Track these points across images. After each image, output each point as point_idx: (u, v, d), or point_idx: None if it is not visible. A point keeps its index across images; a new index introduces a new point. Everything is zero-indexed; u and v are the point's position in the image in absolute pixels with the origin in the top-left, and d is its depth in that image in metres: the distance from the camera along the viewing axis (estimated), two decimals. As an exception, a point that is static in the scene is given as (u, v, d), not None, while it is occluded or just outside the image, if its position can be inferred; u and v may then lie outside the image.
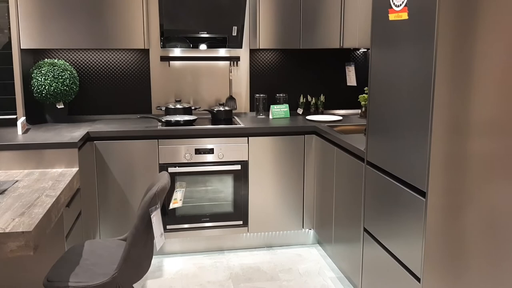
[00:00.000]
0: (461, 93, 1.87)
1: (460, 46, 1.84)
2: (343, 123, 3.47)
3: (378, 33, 2.33)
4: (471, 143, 1.91)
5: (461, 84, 1.86)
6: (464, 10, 1.82)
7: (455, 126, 1.89)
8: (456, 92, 1.87)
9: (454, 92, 1.87)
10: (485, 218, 1.97)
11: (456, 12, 1.82)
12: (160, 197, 2.04)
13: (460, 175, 1.93)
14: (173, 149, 3.23)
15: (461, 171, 1.93)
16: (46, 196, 2.19)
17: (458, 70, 1.85)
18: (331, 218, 3.09)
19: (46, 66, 3.28)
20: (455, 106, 1.88)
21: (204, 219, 3.35)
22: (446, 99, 1.87)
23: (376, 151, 2.38)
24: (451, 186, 1.94)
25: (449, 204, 1.95)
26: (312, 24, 3.52)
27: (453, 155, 1.91)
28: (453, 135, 1.90)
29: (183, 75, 3.76)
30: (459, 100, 1.87)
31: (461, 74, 1.85)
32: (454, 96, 1.87)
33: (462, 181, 1.93)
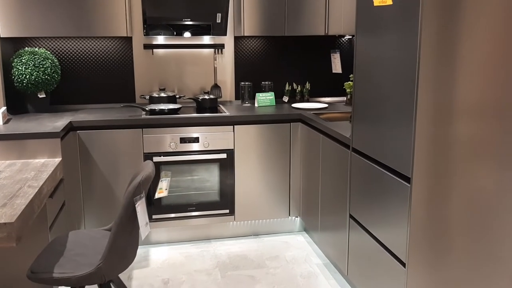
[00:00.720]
0: (445, 78, 1.87)
1: (445, 31, 1.83)
2: (328, 110, 3.47)
3: (363, 19, 2.32)
4: (455, 127, 1.92)
5: (445, 69, 1.86)
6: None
7: (440, 111, 1.90)
8: (440, 77, 1.87)
9: (438, 77, 1.87)
10: (468, 201, 1.99)
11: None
12: (144, 186, 2.01)
13: (444, 160, 1.94)
14: (157, 138, 3.20)
15: (445, 155, 1.94)
16: (29, 187, 2.15)
17: (442, 55, 1.85)
18: (317, 205, 3.10)
19: (26, 55, 3.22)
20: (439, 91, 1.88)
21: (190, 208, 3.34)
22: (431, 84, 1.87)
23: (362, 138, 2.38)
24: (435, 171, 1.95)
25: (433, 189, 1.96)
26: (297, 11, 3.50)
27: (437, 140, 1.92)
28: (438, 120, 1.90)
29: (167, 63, 3.71)
30: (443, 85, 1.88)
31: (445, 58, 1.86)
32: (438, 81, 1.87)
33: (446, 165, 1.95)
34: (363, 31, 2.33)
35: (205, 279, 2.92)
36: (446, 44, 1.84)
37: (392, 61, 2.06)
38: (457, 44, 1.85)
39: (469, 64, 1.87)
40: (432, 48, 1.84)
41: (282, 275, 2.96)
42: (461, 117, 1.91)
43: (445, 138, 1.92)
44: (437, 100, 1.89)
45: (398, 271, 2.08)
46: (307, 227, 3.43)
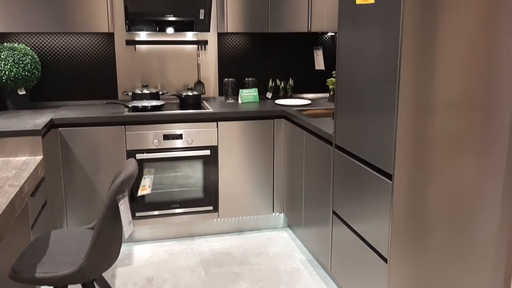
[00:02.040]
0: (425, 73, 1.90)
1: (425, 28, 1.86)
2: (311, 107, 3.49)
3: (345, 16, 2.33)
4: (435, 122, 1.95)
5: (425, 65, 1.89)
6: (429, -5, 1.84)
7: (420, 107, 1.93)
8: (421, 73, 1.90)
9: (418, 73, 1.90)
10: (448, 195, 2.03)
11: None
12: (127, 184, 2.00)
13: (425, 155, 1.97)
14: (140, 135, 3.18)
15: (425, 150, 1.97)
16: (9, 185, 2.12)
17: (422, 51, 1.88)
18: (301, 201, 3.13)
19: (5, 51, 3.16)
20: (420, 87, 1.91)
21: (173, 206, 3.33)
22: (411, 80, 1.90)
23: (344, 134, 2.40)
24: (416, 166, 1.98)
25: (414, 185, 2.00)
26: (280, 8, 3.50)
27: (418, 136, 1.95)
28: (419, 116, 1.93)
29: (150, 59, 3.69)
30: (423, 80, 1.90)
31: (425, 55, 1.88)
32: (419, 77, 1.90)
33: (427, 160, 1.98)
34: (345, 28, 2.34)
35: (189, 276, 2.93)
36: (426, 41, 1.87)
37: (374, 58, 2.08)
38: (436, 40, 1.88)
39: (448, 59, 1.90)
40: (412, 44, 1.87)
41: (266, 271, 2.98)
42: (440, 112, 1.94)
43: (425, 134, 1.95)
44: (417, 96, 1.91)
45: (380, 267, 2.12)
46: (291, 223, 3.46)
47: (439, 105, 1.93)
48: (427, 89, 1.91)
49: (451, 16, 1.87)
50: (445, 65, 1.90)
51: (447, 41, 1.88)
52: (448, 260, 2.09)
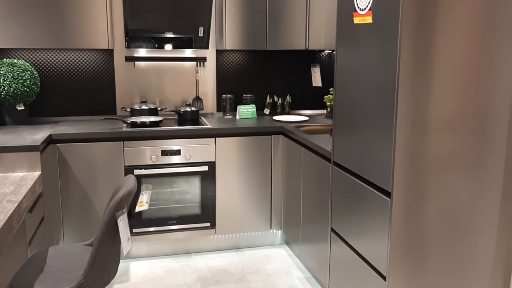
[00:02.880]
0: (422, 93, 1.92)
1: (422, 49, 1.89)
2: (309, 123, 3.51)
3: (343, 35, 2.37)
4: (432, 140, 1.97)
5: (422, 83, 1.92)
6: (426, 15, 1.87)
7: (418, 125, 1.95)
8: (418, 93, 1.92)
9: (416, 92, 1.92)
10: (445, 212, 2.04)
11: (418, 16, 1.87)
12: (126, 201, 2.00)
13: (422, 173, 1.99)
14: (139, 151, 3.19)
15: (423, 168, 1.98)
16: (8, 201, 2.12)
17: (419, 71, 1.91)
18: (299, 218, 3.12)
19: (5, 66, 3.17)
20: (417, 105, 1.93)
21: (171, 222, 3.32)
22: (409, 99, 1.92)
23: (342, 151, 2.42)
24: (414, 185, 1.99)
25: (412, 202, 2.01)
26: (278, 25, 3.54)
27: (415, 154, 1.97)
28: (416, 134, 1.95)
29: (149, 75, 3.71)
30: (421, 100, 1.93)
31: (422, 74, 1.91)
32: (416, 96, 1.92)
33: (424, 179, 1.99)
34: (343, 47, 2.37)
35: (186, 293, 2.91)
36: (422, 59, 1.90)
37: (372, 76, 2.10)
38: (433, 59, 1.91)
39: (444, 78, 1.93)
40: (410, 65, 1.89)
41: (263, 288, 2.97)
42: (437, 131, 1.96)
43: (423, 152, 1.97)
44: (415, 114, 1.93)
45: (379, 284, 2.11)
46: (289, 240, 3.45)
47: (435, 123, 1.96)
48: (424, 108, 1.93)
49: (447, 35, 1.90)
50: (441, 84, 1.93)
51: (443, 60, 1.91)
52: (447, 277, 2.10)
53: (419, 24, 1.87)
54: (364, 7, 2.16)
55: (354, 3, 2.24)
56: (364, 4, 2.15)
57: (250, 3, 3.47)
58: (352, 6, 2.26)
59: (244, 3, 3.46)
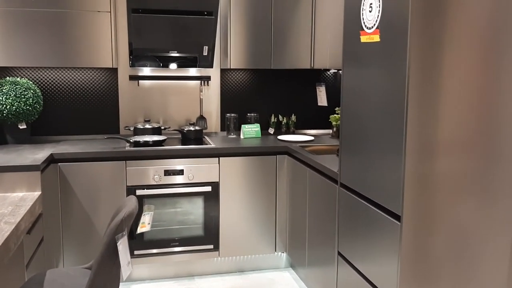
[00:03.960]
0: (432, 114, 1.87)
1: (431, 68, 1.84)
2: (315, 143, 3.46)
3: (350, 54, 2.33)
4: (442, 163, 1.90)
5: (432, 105, 1.86)
6: (435, 33, 1.83)
7: (428, 147, 1.89)
8: (428, 113, 1.87)
9: (425, 113, 1.87)
10: (455, 239, 1.96)
11: (427, 35, 1.82)
12: (127, 223, 1.94)
13: (432, 196, 1.92)
14: (141, 171, 3.13)
15: (433, 192, 1.92)
16: (5, 223, 2.06)
17: (429, 91, 1.85)
18: (305, 241, 3.04)
19: (7, 85, 3.15)
20: (427, 127, 1.87)
21: (173, 244, 3.24)
22: (419, 120, 1.86)
23: (350, 172, 2.35)
24: (424, 208, 1.92)
25: (422, 226, 1.93)
26: (283, 44, 3.52)
27: (425, 176, 1.90)
28: (426, 156, 1.89)
29: (153, 94, 3.68)
30: (430, 121, 1.87)
31: (432, 95, 1.86)
32: (425, 117, 1.87)
33: (434, 202, 1.92)
34: (350, 66, 2.33)
35: (188, 318, 2.82)
36: (432, 80, 1.85)
37: (379, 96, 2.05)
38: (442, 80, 1.86)
39: (455, 99, 1.88)
40: (419, 84, 1.84)
41: (268, 313, 2.87)
42: (447, 154, 1.90)
43: (432, 174, 1.90)
44: (425, 135, 1.88)
45: (388, 312, 2.02)
46: (294, 263, 3.36)
47: (446, 145, 1.89)
48: (434, 129, 1.88)
49: (457, 54, 1.85)
50: (452, 105, 1.88)
51: (453, 79, 1.86)
52: (460, 306, 2.01)
53: (428, 43, 1.83)
54: (372, 26, 2.12)
55: (361, 22, 2.20)
56: (372, 22, 2.11)
57: (255, 22, 3.46)
58: (359, 24, 2.22)
59: (249, 22, 3.44)
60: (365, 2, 2.16)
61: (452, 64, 1.85)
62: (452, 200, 1.93)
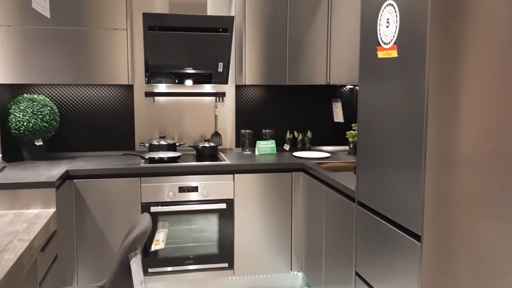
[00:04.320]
0: (452, 130, 1.81)
1: (450, 83, 1.79)
2: (331, 160, 3.41)
3: (367, 70, 2.29)
4: (464, 180, 1.84)
5: (452, 121, 1.81)
6: (454, 48, 1.78)
7: (449, 164, 1.83)
8: (448, 129, 1.81)
9: (445, 129, 1.81)
10: (477, 258, 1.89)
11: (445, 49, 1.78)
12: (140, 241, 1.91)
13: (453, 215, 1.85)
14: (156, 187, 3.11)
15: (454, 210, 1.85)
16: (19, 240, 2.05)
17: (448, 107, 1.80)
18: (321, 260, 2.98)
19: (25, 102, 3.18)
20: (447, 144, 1.82)
21: (187, 262, 3.20)
22: (439, 136, 1.81)
23: (367, 190, 2.30)
24: (445, 227, 1.86)
25: (443, 246, 1.87)
26: (298, 60, 3.50)
27: (446, 194, 1.84)
28: (447, 174, 1.83)
29: (168, 110, 3.68)
30: (451, 137, 1.82)
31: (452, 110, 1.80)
32: (446, 134, 1.81)
33: (455, 221, 1.86)
34: (367, 82, 2.29)
35: (202, 338, 2.76)
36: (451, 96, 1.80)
37: (398, 112, 2.01)
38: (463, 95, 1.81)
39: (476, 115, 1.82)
40: (438, 100, 1.80)
41: (283, 334, 2.80)
42: (470, 169, 1.84)
43: (453, 192, 1.84)
44: (446, 152, 1.82)
45: (409, 336, 1.95)
46: (310, 283, 3.29)
47: (467, 162, 1.83)
48: (455, 145, 1.82)
49: (477, 69, 1.80)
50: (473, 120, 1.82)
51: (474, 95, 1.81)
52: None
53: (447, 58, 1.78)
54: (389, 41, 2.08)
55: (378, 37, 2.17)
56: (389, 38, 2.08)
57: (270, 38, 3.45)
58: (376, 40, 2.19)
59: (264, 37, 3.44)
60: (382, 18, 2.13)
61: (472, 79, 1.80)
62: (474, 219, 1.87)
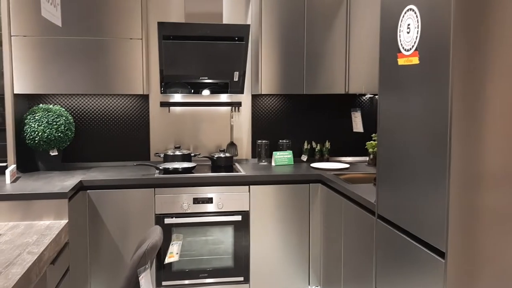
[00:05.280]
0: (479, 142, 1.71)
1: (476, 91, 1.69)
2: (350, 171, 3.30)
3: (387, 78, 2.20)
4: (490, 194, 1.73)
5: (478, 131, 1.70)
6: (479, 54, 1.68)
7: (474, 177, 1.72)
8: (473, 141, 1.71)
9: (471, 140, 1.71)
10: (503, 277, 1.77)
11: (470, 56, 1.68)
12: (150, 256, 1.84)
13: (480, 232, 1.74)
14: (170, 199, 3.06)
15: (480, 227, 1.74)
16: (28, 253, 2.00)
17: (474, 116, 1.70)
18: (340, 275, 2.87)
19: (40, 112, 3.17)
20: (472, 156, 1.71)
21: (202, 275, 3.12)
22: (463, 148, 1.71)
23: (388, 204, 2.19)
24: (470, 244, 1.74)
25: (468, 265, 1.75)
26: (316, 69, 3.42)
27: (472, 209, 1.73)
28: (473, 187, 1.72)
29: (184, 120, 3.63)
30: (476, 149, 1.71)
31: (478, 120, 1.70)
32: (471, 145, 1.71)
33: (481, 238, 1.74)
34: (387, 90, 2.20)
35: None
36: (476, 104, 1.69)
37: (420, 122, 1.91)
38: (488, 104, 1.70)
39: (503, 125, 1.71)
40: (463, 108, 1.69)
41: None
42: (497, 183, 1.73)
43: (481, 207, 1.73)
44: (471, 164, 1.71)
45: None
46: (328, 298, 3.18)
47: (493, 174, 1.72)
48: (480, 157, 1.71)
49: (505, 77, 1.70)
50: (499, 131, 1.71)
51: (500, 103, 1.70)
52: None
53: (472, 65, 1.68)
54: (410, 47, 1.99)
55: (398, 44, 2.08)
56: (410, 44, 1.99)
57: (287, 46, 3.38)
58: (396, 46, 2.09)
59: (280, 46, 3.37)
60: (403, 23, 2.04)
61: (500, 87, 1.70)
62: (502, 236, 1.75)
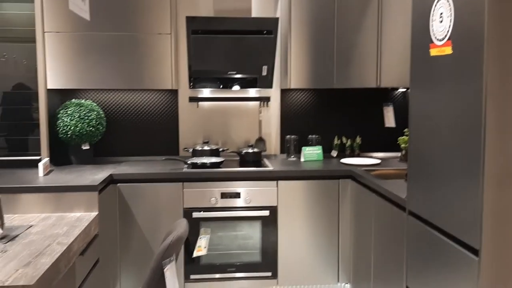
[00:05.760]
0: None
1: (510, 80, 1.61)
2: (381, 167, 3.23)
3: (419, 70, 2.12)
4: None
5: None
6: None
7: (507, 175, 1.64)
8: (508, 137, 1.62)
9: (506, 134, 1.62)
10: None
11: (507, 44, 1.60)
12: (176, 248, 1.84)
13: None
14: (198, 193, 3.06)
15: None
16: (58, 243, 2.04)
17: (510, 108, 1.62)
18: (370, 272, 2.81)
19: (72, 107, 3.23)
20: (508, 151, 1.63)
21: (230, 269, 3.12)
22: (498, 142, 1.63)
23: (419, 200, 2.12)
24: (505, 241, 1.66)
25: (503, 262, 1.67)
26: (346, 62, 3.35)
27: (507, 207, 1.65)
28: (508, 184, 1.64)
29: (212, 115, 3.63)
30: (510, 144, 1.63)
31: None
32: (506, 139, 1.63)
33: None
34: (418, 83, 2.12)
35: None
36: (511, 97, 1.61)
37: (453, 115, 1.83)
38: (531, 96, 1.61)
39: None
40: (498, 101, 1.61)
41: None
42: (538, 180, 1.64)
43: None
44: (507, 160, 1.63)
45: None
46: (357, 296, 3.12)
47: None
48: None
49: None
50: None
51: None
52: None
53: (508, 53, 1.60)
54: (443, 37, 1.91)
55: (430, 34, 2.00)
56: (443, 33, 1.91)
57: (317, 39, 3.32)
58: (428, 37, 2.02)
59: (310, 39, 3.32)
60: (435, 12, 1.97)
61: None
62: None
